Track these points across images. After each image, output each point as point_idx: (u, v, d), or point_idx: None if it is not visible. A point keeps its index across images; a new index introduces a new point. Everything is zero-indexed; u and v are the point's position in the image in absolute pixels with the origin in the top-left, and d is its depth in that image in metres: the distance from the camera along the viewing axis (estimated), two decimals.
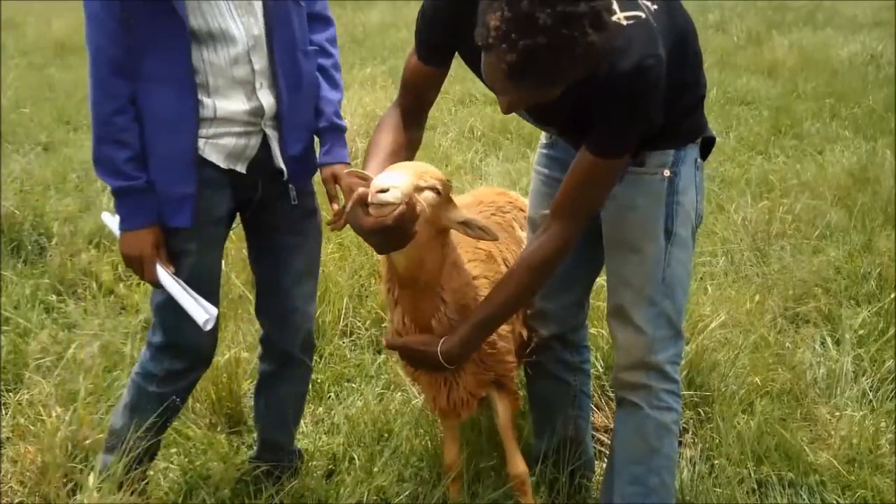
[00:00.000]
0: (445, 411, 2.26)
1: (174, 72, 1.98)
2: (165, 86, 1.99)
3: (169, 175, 2.04)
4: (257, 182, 2.18)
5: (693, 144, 2.04)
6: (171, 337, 2.20)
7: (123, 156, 1.97)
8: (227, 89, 2.05)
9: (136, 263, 2.05)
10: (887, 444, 2.71)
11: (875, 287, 3.76)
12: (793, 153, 5.83)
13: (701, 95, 2.03)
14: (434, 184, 1.88)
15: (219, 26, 2.00)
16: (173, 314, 2.09)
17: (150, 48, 1.95)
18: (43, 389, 2.78)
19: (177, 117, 2.01)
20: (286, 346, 2.39)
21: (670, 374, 2.07)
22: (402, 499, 2.44)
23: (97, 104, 1.97)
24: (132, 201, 2.02)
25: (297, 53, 2.16)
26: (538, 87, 1.60)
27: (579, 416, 2.48)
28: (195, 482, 2.47)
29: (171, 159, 2.03)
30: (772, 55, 8.79)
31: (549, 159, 2.24)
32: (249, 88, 2.08)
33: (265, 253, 2.32)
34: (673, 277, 2.02)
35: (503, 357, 2.21)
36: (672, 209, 2.00)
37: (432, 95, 2.08)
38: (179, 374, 2.26)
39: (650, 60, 1.70)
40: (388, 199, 1.74)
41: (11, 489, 2.39)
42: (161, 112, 2.00)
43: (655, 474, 2.08)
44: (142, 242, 2.03)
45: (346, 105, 6.02)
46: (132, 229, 2.03)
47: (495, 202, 2.50)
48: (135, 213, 2.03)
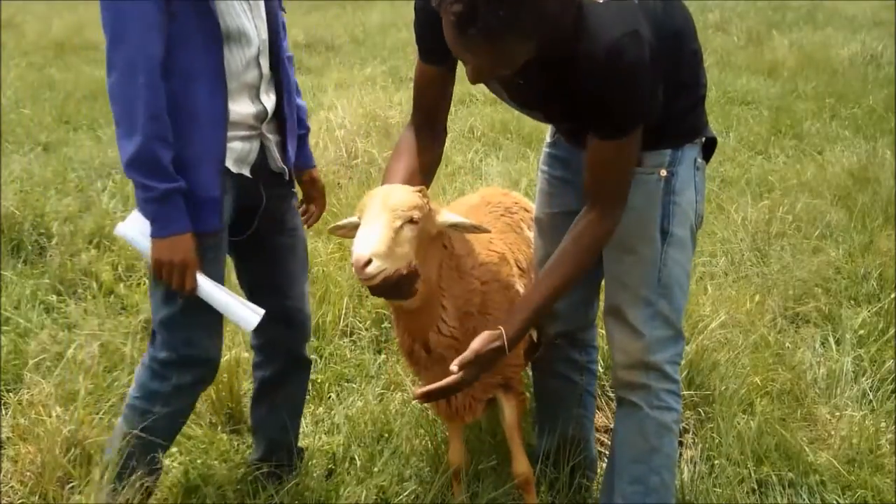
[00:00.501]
0: (451, 416, 2.25)
1: (209, 69, 1.96)
2: (201, 84, 1.96)
3: (200, 176, 1.99)
4: (259, 186, 2.17)
5: (692, 145, 2.03)
6: (183, 351, 2.12)
7: (169, 156, 1.92)
8: (237, 92, 2.05)
9: (178, 271, 1.96)
10: (887, 444, 2.71)
11: (875, 287, 3.76)
12: (793, 153, 5.83)
13: (700, 95, 2.02)
14: (409, 215, 1.83)
15: (237, 27, 1.99)
16: (182, 328, 2.07)
17: (187, 45, 1.93)
18: (43, 389, 2.78)
19: (212, 116, 1.99)
20: (294, 347, 2.39)
21: (670, 374, 2.07)
22: (402, 499, 2.44)
23: (149, 102, 1.88)
24: (175, 204, 1.94)
25: (286, 59, 2.19)
26: (488, 41, 1.60)
27: (583, 415, 2.48)
28: (196, 481, 2.47)
29: (205, 160, 2.00)
30: (772, 55, 8.80)
31: (553, 158, 2.24)
32: (254, 92, 2.09)
33: (264, 256, 2.30)
34: (670, 278, 2.01)
35: (510, 360, 2.17)
36: (668, 209, 1.99)
37: (442, 103, 2.08)
38: (188, 389, 2.20)
39: (626, 39, 1.68)
40: (372, 272, 1.75)
41: (13, 489, 2.39)
42: (196, 110, 1.97)
43: (656, 473, 2.09)
44: (184, 248, 1.95)
45: (347, 105, 6.03)
46: (173, 234, 1.95)
47: (503, 203, 2.49)
48: (176, 218, 1.95)
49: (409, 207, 1.83)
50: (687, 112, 2.00)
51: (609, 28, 1.69)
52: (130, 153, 1.89)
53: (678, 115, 1.96)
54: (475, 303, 2.08)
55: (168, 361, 2.14)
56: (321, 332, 3.34)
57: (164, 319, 2.11)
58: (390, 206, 1.82)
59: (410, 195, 1.86)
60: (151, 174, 1.91)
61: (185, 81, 1.95)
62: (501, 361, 1.95)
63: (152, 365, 2.18)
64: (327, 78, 8.00)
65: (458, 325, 2.05)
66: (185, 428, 2.70)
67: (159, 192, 1.91)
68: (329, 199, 2.64)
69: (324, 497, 2.45)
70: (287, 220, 2.29)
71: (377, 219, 1.81)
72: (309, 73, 8.50)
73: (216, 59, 1.97)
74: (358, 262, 1.74)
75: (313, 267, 3.69)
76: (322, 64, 8.95)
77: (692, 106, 2.01)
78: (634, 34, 1.69)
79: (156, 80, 1.89)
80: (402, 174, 1.98)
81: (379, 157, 5.17)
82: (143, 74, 1.88)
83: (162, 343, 2.15)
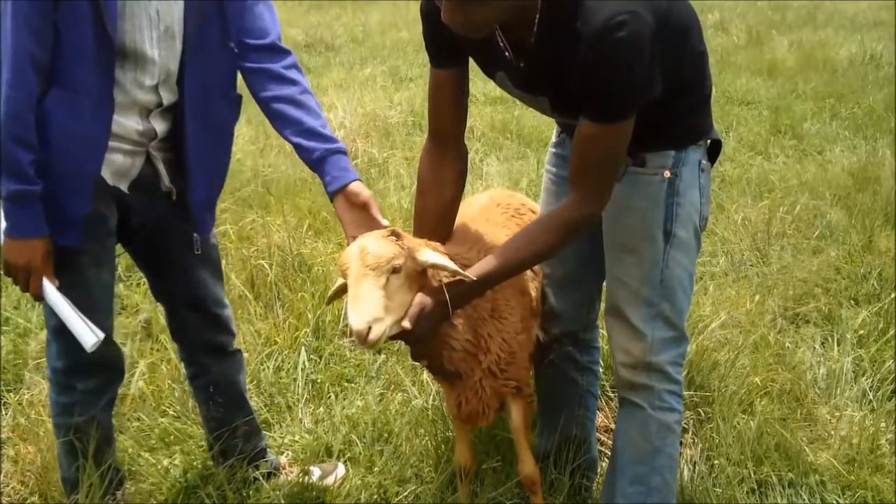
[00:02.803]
0: (466, 420, 2.23)
1: (97, 85, 1.91)
2: (85, 98, 1.91)
3: (67, 192, 1.93)
4: (141, 202, 2.11)
5: (696, 146, 2.01)
6: (78, 355, 2.01)
7: (28, 158, 1.83)
8: (126, 108, 2.00)
9: (22, 274, 1.91)
10: (887, 444, 2.71)
11: (875, 287, 3.76)
12: (793, 153, 5.83)
13: (704, 96, 2.01)
14: (389, 267, 1.82)
15: (134, 50, 1.94)
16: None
17: (80, 59, 1.88)
18: (43, 389, 2.78)
19: (90, 134, 1.94)
20: (209, 336, 2.36)
21: (672, 375, 2.06)
22: (402, 499, 2.44)
23: (10, 99, 1.82)
24: (28, 207, 1.86)
25: (213, 97, 2.10)
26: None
27: (585, 415, 2.47)
28: (196, 481, 2.47)
29: (75, 176, 1.94)
30: (772, 55, 8.80)
31: (558, 158, 2.23)
32: (146, 112, 2.04)
33: (171, 271, 2.26)
34: (672, 279, 2.01)
35: (522, 364, 2.19)
36: (672, 210, 1.98)
37: (458, 113, 2.07)
38: (96, 393, 2.16)
39: (626, 16, 1.66)
40: (375, 337, 1.76)
41: (14, 489, 2.39)
42: (76, 124, 1.91)
43: (658, 474, 2.08)
44: (32, 252, 1.89)
45: (347, 105, 6.04)
46: (23, 237, 1.89)
47: (511, 204, 2.48)
48: (29, 220, 1.88)
49: (388, 259, 1.81)
50: (689, 112, 1.99)
51: (609, 7, 1.68)
52: None
53: (680, 114, 1.95)
54: (487, 308, 2.07)
55: (68, 368, 2.11)
56: (321, 332, 3.34)
57: (56, 327, 2.05)
58: (370, 265, 1.80)
59: (385, 246, 1.83)
60: (7, 173, 1.84)
61: (71, 94, 1.89)
62: (445, 318, 1.92)
63: (55, 378, 2.16)
64: (327, 78, 8.01)
65: (473, 334, 2.04)
66: (186, 428, 2.72)
67: (11, 193, 1.85)
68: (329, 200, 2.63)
69: (324, 497, 2.45)
70: (187, 239, 2.21)
71: (360, 282, 1.79)
72: (309, 73, 8.51)
73: (106, 75, 1.92)
74: (360, 335, 1.75)
75: (313, 267, 3.70)
76: (322, 64, 8.95)
77: (695, 106, 2.00)
78: (634, 13, 1.67)
79: (23, 80, 1.82)
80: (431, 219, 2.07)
81: (379, 157, 5.18)
82: (10, 72, 1.82)
83: (58, 352, 2.11)
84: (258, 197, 4.61)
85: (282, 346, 3.21)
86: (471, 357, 2.06)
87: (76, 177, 1.95)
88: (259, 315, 3.39)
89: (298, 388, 3.01)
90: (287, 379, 3.08)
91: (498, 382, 2.13)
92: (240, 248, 3.83)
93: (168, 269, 2.27)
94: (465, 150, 2.15)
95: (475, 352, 2.06)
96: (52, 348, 2.13)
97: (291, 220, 4.13)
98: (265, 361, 3.13)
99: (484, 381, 2.11)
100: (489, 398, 2.15)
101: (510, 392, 2.19)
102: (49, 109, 1.88)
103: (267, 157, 5.32)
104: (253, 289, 3.57)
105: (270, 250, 3.74)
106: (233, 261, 3.71)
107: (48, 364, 2.18)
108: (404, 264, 1.84)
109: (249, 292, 3.52)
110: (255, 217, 4.23)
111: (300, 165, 5.14)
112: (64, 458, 2.22)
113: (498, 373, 2.12)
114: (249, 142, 5.71)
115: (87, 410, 2.15)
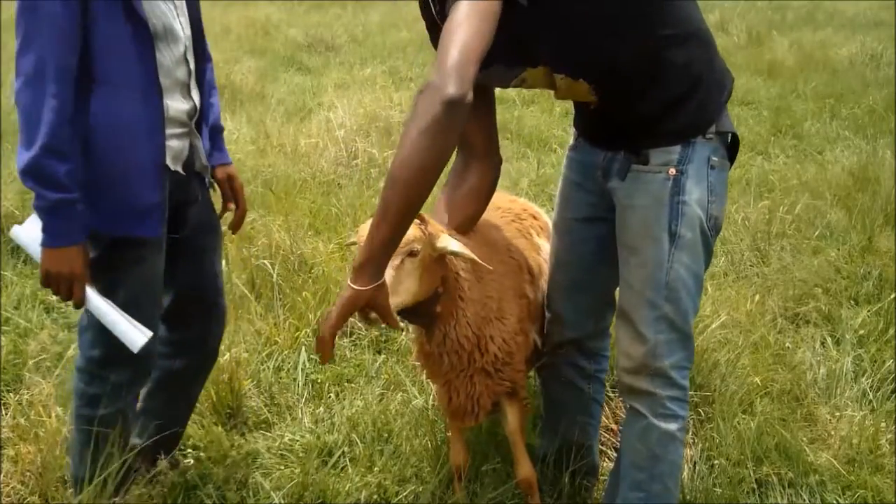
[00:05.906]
0: (454, 416, 2.24)
1: (142, 73, 1.93)
2: (132, 90, 1.93)
3: (135, 184, 1.97)
4: (192, 183, 2.17)
5: (704, 140, 1.94)
6: (117, 347, 2.01)
7: (66, 167, 1.85)
8: (171, 90, 2.03)
9: (65, 283, 1.92)
10: (887, 444, 2.71)
11: (875, 287, 3.76)
12: (793, 153, 5.83)
13: (706, 83, 1.94)
14: (406, 249, 1.84)
15: (164, 26, 1.98)
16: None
17: (116, 51, 1.89)
18: (43, 389, 2.78)
19: (145, 122, 1.96)
20: (212, 341, 2.40)
21: (676, 381, 2.01)
22: (402, 498, 2.44)
23: (52, 112, 1.82)
24: (68, 216, 1.89)
25: (208, 56, 2.21)
26: None
27: (588, 422, 2.44)
28: (195, 481, 2.47)
29: (140, 167, 1.97)
30: (772, 55, 8.80)
31: (572, 161, 2.18)
32: (185, 89, 2.08)
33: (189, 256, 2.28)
34: (677, 281, 1.94)
35: (519, 367, 2.19)
36: (676, 210, 1.91)
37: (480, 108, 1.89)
38: (128, 385, 2.16)
39: None
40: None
41: (14, 489, 2.39)
42: (126, 118, 1.93)
43: (658, 481, 2.05)
44: (73, 260, 1.91)
45: (347, 105, 6.03)
46: (64, 245, 1.90)
47: (512, 209, 2.48)
48: (69, 229, 1.90)
49: (406, 241, 1.83)
50: (684, 98, 1.91)
51: None
52: (25, 162, 1.84)
53: (673, 101, 1.89)
54: (493, 308, 2.08)
55: (102, 359, 2.11)
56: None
57: (91, 321, 2.06)
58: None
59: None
60: (46, 185, 1.85)
61: (115, 89, 1.91)
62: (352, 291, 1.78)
63: (88, 367, 2.14)
64: (327, 78, 8.01)
65: (477, 329, 2.05)
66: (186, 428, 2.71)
67: (51, 202, 1.86)
68: (329, 200, 2.64)
69: (323, 497, 2.45)
70: (211, 220, 2.30)
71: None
72: (309, 73, 8.51)
73: (148, 61, 1.95)
74: None
75: (313, 267, 3.70)
76: (322, 64, 8.94)
77: (690, 92, 1.92)
78: None
79: (63, 91, 1.84)
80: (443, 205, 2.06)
81: (379, 156, 5.17)
82: (52, 84, 1.83)
83: (93, 340, 2.10)
84: (258, 197, 4.61)
85: (282, 346, 3.21)
86: (467, 348, 2.06)
87: (142, 168, 1.98)
88: (259, 315, 3.39)
89: (298, 388, 3.01)
90: (287, 379, 3.08)
91: (493, 382, 2.14)
92: (239, 247, 3.83)
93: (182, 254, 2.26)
94: (492, 164, 2.10)
95: (471, 346, 2.06)
96: (87, 336, 2.11)
97: (292, 219, 4.13)
98: (265, 361, 3.13)
99: (476, 377, 2.11)
100: (480, 396, 2.15)
101: (504, 392, 2.20)
102: (97, 109, 1.90)
103: (267, 157, 5.31)
104: (254, 289, 3.57)
105: (271, 250, 3.75)
106: (233, 260, 3.71)
107: (81, 353, 2.15)
108: (422, 249, 1.86)
109: (250, 292, 3.52)
110: (256, 217, 4.23)
111: (300, 165, 5.15)
112: (77, 453, 2.18)
113: (493, 373, 2.12)
114: (249, 142, 5.70)
115: (115, 403, 2.13)
